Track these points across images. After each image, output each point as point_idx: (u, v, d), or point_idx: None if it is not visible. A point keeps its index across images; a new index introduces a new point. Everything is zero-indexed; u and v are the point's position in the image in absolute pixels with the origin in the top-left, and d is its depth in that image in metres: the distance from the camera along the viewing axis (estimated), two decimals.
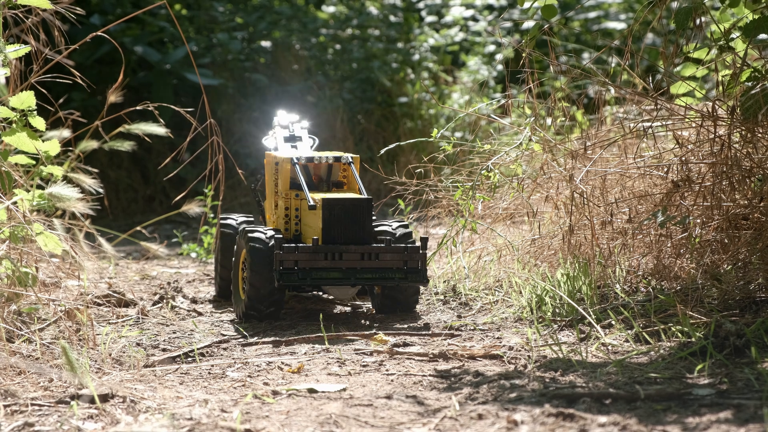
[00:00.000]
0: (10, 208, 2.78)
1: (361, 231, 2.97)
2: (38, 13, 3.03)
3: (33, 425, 2.11)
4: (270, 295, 3.01)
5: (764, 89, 2.59)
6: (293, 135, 3.35)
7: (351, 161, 3.16)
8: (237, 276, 3.13)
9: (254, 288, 3.00)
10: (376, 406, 2.25)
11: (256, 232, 3.03)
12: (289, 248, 2.93)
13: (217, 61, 6.44)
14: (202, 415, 2.15)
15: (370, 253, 2.95)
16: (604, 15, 6.95)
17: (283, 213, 3.15)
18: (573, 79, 3.04)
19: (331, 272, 2.94)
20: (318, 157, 3.15)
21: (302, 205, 3.13)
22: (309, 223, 3.08)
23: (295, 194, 3.15)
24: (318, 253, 2.94)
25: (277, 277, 2.94)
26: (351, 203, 2.96)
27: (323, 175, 3.20)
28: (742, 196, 2.75)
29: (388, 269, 2.96)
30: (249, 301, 3.03)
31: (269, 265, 2.99)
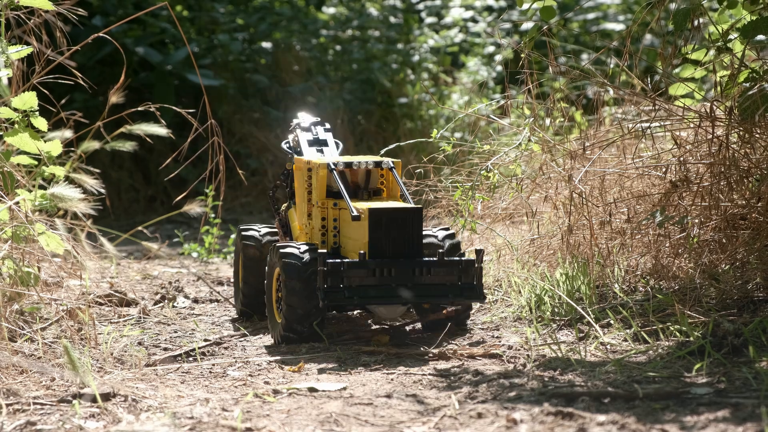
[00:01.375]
0: (13, 208, 2.79)
1: (411, 243, 2.68)
2: (40, 14, 3.04)
3: (35, 424, 2.12)
4: (310, 316, 2.74)
5: (762, 90, 2.61)
6: (317, 138, 3.08)
7: (392, 166, 2.89)
8: (270, 297, 2.85)
9: (292, 309, 2.73)
10: (376, 404, 2.27)
11: (290, 248, 2.75)
12: (335, 264, 2.65)
13: (218, 62, 6.46)
14: (203, 414, 2.16)
15: (422, 267, 2.67)
16: (603, 16, 6.97)
17: (318, 224, 2.86)
18: (572, 80, 3.05)
19: (379, 289, 2.66)
20: (357, 162, 2.87)
21: (342, 216, 2.83)
22: (351, 236, 2.79)
23: (333, 203, 2.86)
24: (365, 269, 2.66)
25: (321, 296, 2.66)
26: (400, 213, 2.68)
27: (361, 182, 2.91)
28: (740, 196, 2.76)
29: (441, 285, 2.68)
30: (287, 324, 2.75)
31: (306, 282, 2.71)
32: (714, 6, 2.91)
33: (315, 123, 3.14)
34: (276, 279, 2.83)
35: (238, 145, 6.37)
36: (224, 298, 3.56)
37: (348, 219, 2.78)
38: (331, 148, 3.06)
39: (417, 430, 2.08)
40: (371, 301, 2.69)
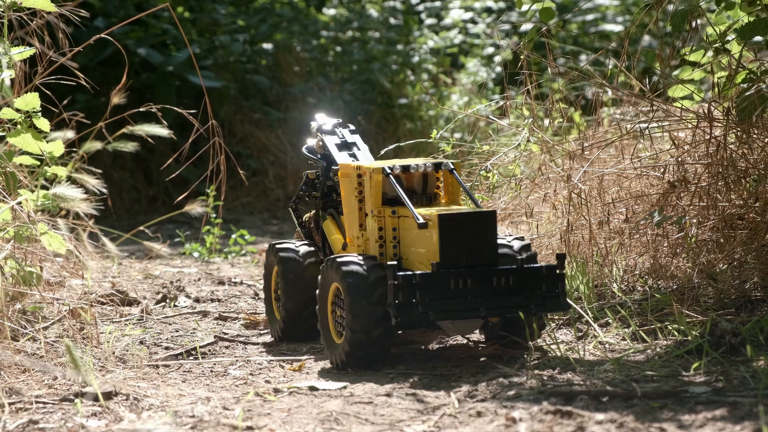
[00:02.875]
0: (15, 208, 2.80)
1: (486, 251, 2.43)
2: (43, 15, 3.06)
3: (37, 422, 2.13)
4: (378, 337, 2.46)
5: (759, 91, 2.62)
6: (345, 141, 2.83)
7: (453, 167, 2.63)
8: (325, 317, 2.57)
9: (357, 329, 2.46)
10: (376, 403, 2.27)
11: (352, 264, 2.48)
12: (407, 277, 2.39)
13: (219, 63, 6.47)
14: (205, 413, 2.17)
15: (500, 277, 2.42)
16: (602, 17, 6.99)
17: (375, 235, 2.59)
18: (571, 81, 3.06)
19: (456, 303, 2.40)
20: (414, 165, 2.62)
21: (402, 224, 2.56)
22: (416, 245, 2.52)
23: (391, 211, 2.58)
24: (441, 281, 2.40)
25: (393, 313, 2.39)
26: (473, 218, 2.43)
27: (417, 187, 2.65)
28: (737, 197, 2.77)
29: (521, 295, 2.43)
30: (351, 346, 2.48)
31: (372, 298, 2.46)
32: (712, 7, 2.92)
33: (337, 125, 2.89)
34: (332, 296, 2.56)
35: (238, 145, 6.39)
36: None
37: (411, 227, 2.53)
38: (364, 150, 2.82)
39: (417, 428, 2.09)
40: (449, 316, 2.42)
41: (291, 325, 2.82)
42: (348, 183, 2.68)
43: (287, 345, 2.88)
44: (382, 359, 2.52)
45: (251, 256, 4.52)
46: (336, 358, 2.55)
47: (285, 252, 2.82)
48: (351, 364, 2.52)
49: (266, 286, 2.93)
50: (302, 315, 2.80)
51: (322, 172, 2.84)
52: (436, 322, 2.49)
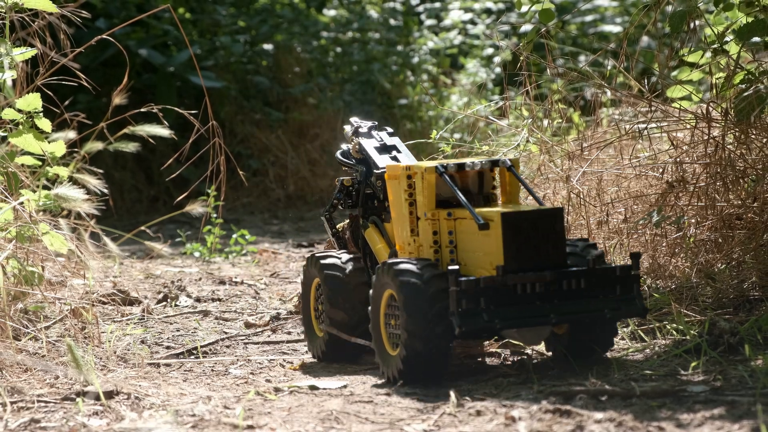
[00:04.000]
0: (17, 209, 2.82)
1: (554, 252, 2.25)
2: (44, 16, 3.07)
3: (39, 421, 2.14)
4: (439, 347, 2.27)
5: (757, 91, 2.63)
6: (385, 144, 2.66)
7: (511, 164, 2.44)
8: (379, 328, 2.38)
9: (414, 339, 2.26)
10: (376, 402, 2.28)
11: (409, 269, 2.28)
12: (470, 282, 2.22)
13: (220, 63, 6.49)
14: (206, 412, 2.18)
15: (571, 279, 2.24)
16: (600, 18, 7.01)
17: (429, 240, 2.39)
18: (570, 82, 3.07)
19: (524, 309, 2.22)
20: (470, 162, 2.43)
21: (459, 227, 2.37)
22: (476, 248, 2.33)
23: (447, 213, 2.39)
24: (507, 286, 2.22)
25: (456, 322, 2.21)
26: (539, 216, 2.26)
27: (472, 187, 2.45)
28: (735, 197, 2.78)
29: (593, 299, 2.25)
30: (408, 358, 2.28)
31: (431, 305, 2.26)
32: (710, 8, 2.93)
33: (373, 127, 2.73)
34: (386, 304, 2.37)
35: (239, 145, 6.40)
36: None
37: (469, 230, 2.34)
38: (405, 153, 2.64)
39: (417, 427, 2.10)
40: (517, 323, 2.24)
41: (336, 342, 2.58)
42: (396, 185, 2.47)
43: (288, 345, 2.89)
44: (442, 371, 2.33)
45: (252, 256, 4.53)
46: (391, 372, 2.35)
47: (328, 263, 2.58)
48: (408, 377, 2.32)
49: (304, 300, 2.68)
50: (350, 324, 2.57)
51: (360, 178, 2.65)
52: (502, 330, 2.29)
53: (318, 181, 6.33)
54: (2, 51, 2.87)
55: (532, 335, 2.34)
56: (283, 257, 4.57)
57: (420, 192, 2.43)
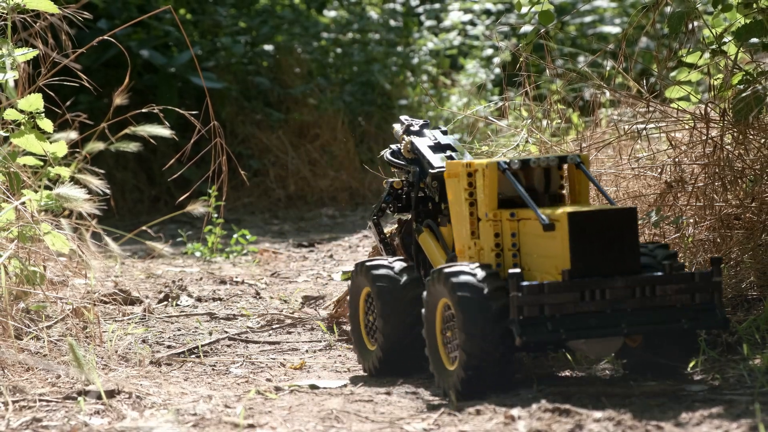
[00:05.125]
0: (19, 209, 2.83)
1: (626, 255, 2.06)
2: (46, 17, 3.08)
3: (41, 420, 2.15)
4: (499, 360, 2.11)
5: (755, 92, 2.64)
6: (439, 143, 2.49)
7: (581, 161, 2.25)
8: (435, 340, 2.21)
9: (472, 352, 2.10)
10: (376, 401, 2.29)
11: (464, 275, 2.11)
12: (532, 288, 2.04)
13: (221, 64, 6.50)
14: (206, 411, 2.19)
15: (645, 286, 2.04)
16: (599, 19, 7.02)
17: (491, 243, 2.22)
18: (569, 82, 3.08)
19: (593, 318, 2.04)
20: (535, 159, 2.23)
21: (523, 229, 2.19)
22: (540, 252, 2.15)
23: (510, 214, 2.21)
24: (572, 292, 2.03)
25: (517, 331, 2.04)
26: (610, 217, 2.07)
27: (537, 186, 2.26)
28: (734, 197, 2.79)
29: (670, 308, 2.05)
30: (466, 372, 2.12)
31: (490, 312, 2.10)
32: (709, 9, 2.94)
33: (425, 125, 2.56)
34: (441, 314, 2.20)
35: (240, 146, 6.42)
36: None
37: (533, 232, 2.16)
38: (461, 153, 2.48)
39: (416, 426, 2.11)
40: (584, 333, 2.04)
41: (390, 355, 2.40)
42: (456, 184, 2.30)
43: (291, 345, 2.90)
44: (504, 386, 2.15)
45: (252, 256, 4.54)
46: (449, 386, 2.18)
47: (379, 270, 2.39)
48: (468, 392, 2.15)
49: (353, 312, 2.50)
50: (404, 343, 2.39)
51: (414, 179, 2.48)
52: (568, 341, 2.11)
53: (318, 181, 6.35)
54: (4, 52, 2.89)
55: (601, 347, 2.13)
56: (283, 257, 4.58)
57: (481, 191, 2.24)
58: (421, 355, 2.34)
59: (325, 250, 4.74)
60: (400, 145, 2.56)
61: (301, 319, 3.21)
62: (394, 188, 2.53)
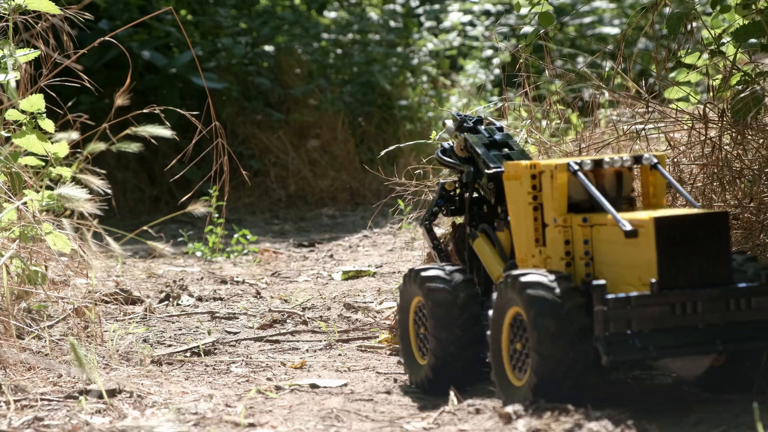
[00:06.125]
0: (21, 209, 2.84)
1: (718, 264, 1.89)
2: (48, 18, 3.09)
3: (42, 419, 2.16)
4: (578, 380, 1.93)
5: (754, 93, 2.65)
6: (495, 140, 2.31)
7: (657, 162, 2.08)
8: (500, 353, 2.04)
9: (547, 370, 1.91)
10: (377, 401, 2.30)
11: (539, 283, 1.93)
12: (619, 301, 1.85)
13: (222, 65, 6.52)
14: (207, 410, 2.20)
15: (739, 298, 1.87)
16: (598, 20, 7.04)
17: (560, 251, 2.03)
18: (568, 83, 3.09)
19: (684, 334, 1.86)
20: (610, 159, 2.05)
21: (597, 236, 2.00)
22: (620, 261, 1.96)
23: (582, 219, 2.01)
24: (662, 305, 1.86)
25: (603, 349, 1.86)
26: (701, 221, 1.89)
27: (609, 189, 2.07)
28: (732, 197, 2.80)
29: (763, 323, 1.89)
30: (538, 391, 1.95)
31: (566, 325, 1.91)
32: (707, 10, 2.95)
33: (479, 121, 2.37)
34: (509, 325, 2.02)
35: (240, 146, 6.43)
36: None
37: (610, 239, 1.96)
38: (519, 151, 2.31)
39: (416, 425, 2.11)
40: (676, 351, 1.87)
41: (443, 370, 2.22)
42: (517, 187, 2.11)
43: (291, 344, 2.91)
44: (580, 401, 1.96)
45: (253, 256, 4.55)
46: (517, 399, 2.02)
47: (432, 279, 2.20)
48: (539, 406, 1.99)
49: (402, 322, 2.31)
50: (457, 365, 2.22)
51: (467, 179, 2.31)
52: (659, 360, 1.92)
53: (318, 181, 6.36)
54: (6, 52, 2.90)
55: (692, 366, 1.95)
56: (284, 257, 4.59)
57: (549, 194, 2.05)
58: (476, 373, 2.22)
59: (325, 249, 4.75)
60: (452, 142, 2.38)
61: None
62: (446, 190, 2.34)
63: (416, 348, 2.30)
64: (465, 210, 2.32)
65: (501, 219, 2.26)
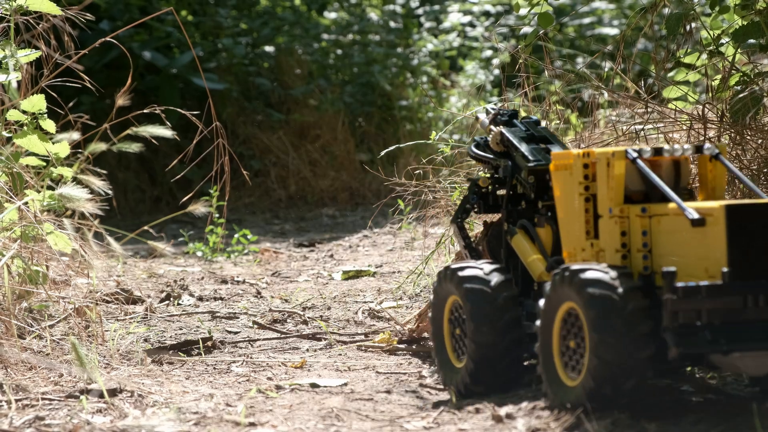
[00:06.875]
0: (22, 209, 2.84)
1: None
2: (49, 19, 3.10)
3: (44, 419, 2.16)
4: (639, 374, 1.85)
5: (753, 93, 2.66)
6: (533, 134, 2.23)
7: (719, 152, 2.01)
8: (551, 350, 1.94)
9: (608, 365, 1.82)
10: (377, 400, 2.31)
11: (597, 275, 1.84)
12: (689, 290, 1.77)
13: (222, 65, 6.53)
14: (208, 409, 2.20)
15: None
16: (598, 21, 7.05)
17: (616, 243, 1.94)
18: (567, 83, 3.10)
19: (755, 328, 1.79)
20: (669, 148, 1.97)
21: (657, 227, 1.91)
22: (684, 252, 1.87)
23: (641, 209, 1.93)
24: (734, 297, 1.78)
25: (672, 341, 1.78)
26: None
27: (666, 179, 1.99)
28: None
29: None
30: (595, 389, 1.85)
31: (630, 320, 1.82)
32: (706, 11, 2.96)
33: (514, 114, 2.30)
34: (562, 320, 1.92)
35: (241, 146, 6.44)
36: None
37: (673, 229, 1.88)
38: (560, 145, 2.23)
39: (416, 424, 2.12)
40: (750, 346, 1.80)
41: (482, 374, 2.14)
42: (567, 177, 2.01)
43: (291, 344, 2.91)
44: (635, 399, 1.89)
45: (253, 256, 4.56)
46: (568, 398, 1.92)
47: (470, 278, 2.11)
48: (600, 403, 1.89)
49: (436, 321, 2.21)
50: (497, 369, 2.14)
51: (505, 174, 2.21)
52: (728, 354, 1.83)
53: (319, 181, 6.38)
54: (7, 53, 2.90)
55: (759, 362, 1.86)
56: (284, 257, 4.60)
57: (603, 183, 1.95)
58: (516, 376, 2.15)
59: (325, 249, 4.76)
60: (486, 136, 2.28)
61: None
62: (479, 186, 2.24)
63: (451, 349, 2.21)
64: (502, 206, 2.22)
65: (541, 214, 2.16)
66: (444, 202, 3.54)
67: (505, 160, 2.22)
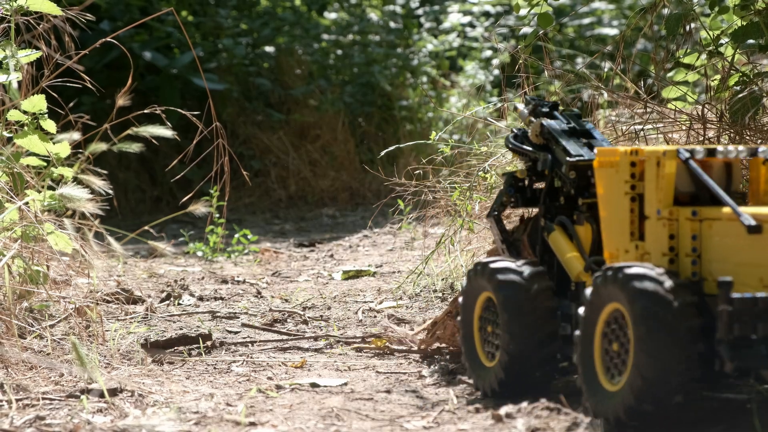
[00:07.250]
0: (22, 209, 2.85)
1: None
2: (49, 19, 3.10)
3: (44, 418, 2.16)
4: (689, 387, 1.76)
5: (752, 93, 2.66)
6: (575, 128, 2.13)
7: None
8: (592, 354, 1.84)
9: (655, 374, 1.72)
10: (377, 400, 2.31)
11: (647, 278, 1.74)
12: (746, 301, 1.68)
13: (222, 65, 6.53)
14: (208, 409, 2.20)
15: None
16: (597, 21, 7.06)
17: (663, 246, 1.85)
18: (567, 84, 3.11)
19: None
20: (723, 149, 1.88)
21: (708, 231, 1.82)
22: (738, 259, 1.78)
23: (691, 212, 1.83)
24: None
25: (727, 354, 1.69)
26: None
27: (717, 181, 1.90)
28: None
29: None
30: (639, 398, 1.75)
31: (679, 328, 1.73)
32: (706, 11, 2.97)
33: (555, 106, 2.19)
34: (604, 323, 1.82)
35: (241, 146, 6.45)
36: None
37: (724, 235, 1.79)
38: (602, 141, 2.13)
39: (416, 424, 2.12)
40: None
41: (514, 376, 2.07)
42: (612, 175, 1.92)
43: (293, 343, 2.91)
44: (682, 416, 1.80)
45: (254, 256, 4.57)
46: (608, 412, 1.82)
47: (505, 275, 2.03)
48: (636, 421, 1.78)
49: (466, 322, 2.14)
50: (531, 363, 2.06)
51: (544, 168, 2.12)
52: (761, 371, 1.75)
53: (319, 181, 6.38)
54: (7, 53, 2.91)
55: None
56: (284, 256, 4.60)
57: (652, 183, 1.86)
58: (550, 372, 2.08)
59: (325, 249, 4.77)
60: (525, 128, 2.18)
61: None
62: (517, 178, 2.15)
63: (482, 350, 2.15)
64: (539, 201, 2.13)
65: (581, 212, 2.07)
66: (444, 202, 3.54)
67: (545, 154, 2.13)
